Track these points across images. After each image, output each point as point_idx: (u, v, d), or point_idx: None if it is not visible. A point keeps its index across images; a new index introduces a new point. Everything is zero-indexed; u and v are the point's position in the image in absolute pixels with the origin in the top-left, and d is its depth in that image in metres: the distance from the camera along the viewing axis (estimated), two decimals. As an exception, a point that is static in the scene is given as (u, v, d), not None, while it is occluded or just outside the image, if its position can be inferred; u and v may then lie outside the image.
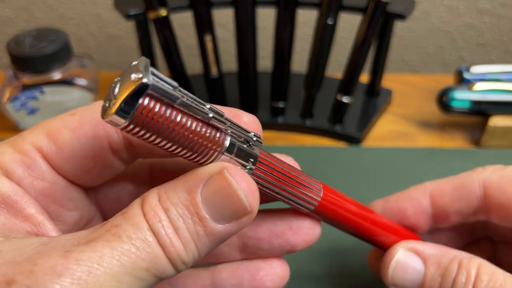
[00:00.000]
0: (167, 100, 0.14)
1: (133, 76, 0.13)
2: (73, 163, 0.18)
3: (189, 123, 0.15)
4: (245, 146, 0.17)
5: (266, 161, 0.17)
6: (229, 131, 0.16)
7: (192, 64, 0.55)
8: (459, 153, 0.39)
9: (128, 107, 0.14)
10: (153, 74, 0.14)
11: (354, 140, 0.42)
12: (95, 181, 0.19)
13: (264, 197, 0.19)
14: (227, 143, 0.16)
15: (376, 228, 0.22)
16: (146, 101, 0.14)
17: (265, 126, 0.43)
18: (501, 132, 0.39)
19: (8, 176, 0.17)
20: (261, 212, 0.20)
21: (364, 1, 0.38)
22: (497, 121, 0.40)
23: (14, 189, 0.17)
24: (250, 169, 0.17)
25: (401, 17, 0.38)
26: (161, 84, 0.14)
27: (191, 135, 0.15)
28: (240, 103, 0.43)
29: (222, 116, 0.15)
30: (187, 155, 0.15)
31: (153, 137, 0.14)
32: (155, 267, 0.15)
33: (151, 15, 0.38)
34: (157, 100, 0.14)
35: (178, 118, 0.14)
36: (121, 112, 0.14)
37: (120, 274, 0.14)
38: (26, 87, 0.39)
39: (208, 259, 0.21)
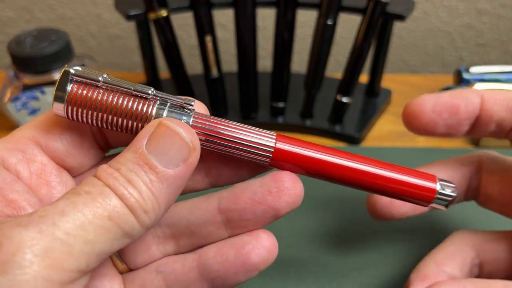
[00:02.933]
0: (91, 81, 0.18)
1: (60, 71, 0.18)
2: (63, 141, 0.19)
3: (116, 96, 0.18)
4: (174, 111, 0.18)
5: (202, 123, 0.19)
6: (158, 100, 0.18)
7: (193, 64, 0.55)
8: (458, 153, 0.39)
9: (61, 92, 0.18)
10: (79, 69, 0.18)
11: (353, 140, 0.42)
12: (82, 162, 0.20)
13: (223, 161, 0.20)
14: (155, 109, 0.18)
15: (367, 169, 0.20)
16: (75, 86, 0.18)
17: (265, 126, 0.43)
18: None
19: (4, 162, 0.18)
20: (240, 183, 0.20)
21: (363, 2, 0.38)
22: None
23: (2, 177, 0.18)
24: None
25: (401, 17, 0.39)
26: (83, 71, 0.18)
27: (120, 104, 0.18)
28: (240, 103, 0.43)
29: (148, 88, 0.18)
30: (128, 124, 0.18)
31: (91, 114, 0.18)
32: (117, 216, 0.16)
33: (152, 15, 0.38)
34: (82, 83, 0.18)
35: (106, 94, 0.18)
36: (57, 97, 0.18)
37: (84, 223, 0.15)
38: (27, 87, 0.39)
39: (196, 241, 0.21)
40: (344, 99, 0.41)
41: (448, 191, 0.21)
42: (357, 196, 0.34)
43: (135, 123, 0.18)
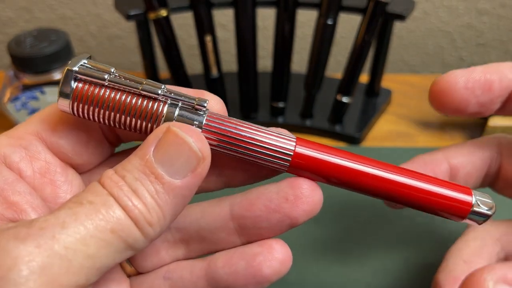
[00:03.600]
0: (96, 80, 0.17)
1: (66, 67, 0.17)
2: (68, 138, 0.18)
3: (124, 95, 0.17)
4: (187, 112, 0.18)
5: (215, 124, 0.18)
6: (169, 100, 0.17)
7: (193, 64, 0.55)
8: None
9: (65, 89, 0.17)
10: (85, 64, 0.17)
11: (353, 140, 0.42)
12: (89, 160, 0.19)
13: (235, 165, 0.20)
14: (165, 109, 0.17)
15: (393, 179, 0.18)
16: (80, 84, 0.17)
17: (265, 126, 0.43)
18: (500, 132, 0.40)
19: (6, 160, 0.18)
20: (254, 188, 0.19)
21: (364, 2, 0.38)
22: (496, 121, 0.40)
23: (4, 177, 0.17)
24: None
25: (401, 17, 0.39)
26: (88, 69, 0.17)
27: (128, 104, 0.17)
28: (240, 103, 0.43)
29: (158, 87, 0.17)
30: (137, 124, 0.17)
31: (97, 111, 0.17)
32: (120, 228, 0.15)
33: (152, 15, 0.38)
34: (88, 81, 0.17)
35: (112, 93, 0.17)
36: (62, 94, 0.17)
37: (86, 237, 0.14)
38: (26, 87, 0.39)
39: (207, 246, 0.20)
40: (344, 99, 0.41)
41: (484, 209, 0.19)
42: (361, 203, 0.34)
43: (144, 123, 0.17)
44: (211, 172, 0.20)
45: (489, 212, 0.19)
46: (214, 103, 0.19)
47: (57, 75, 0.39)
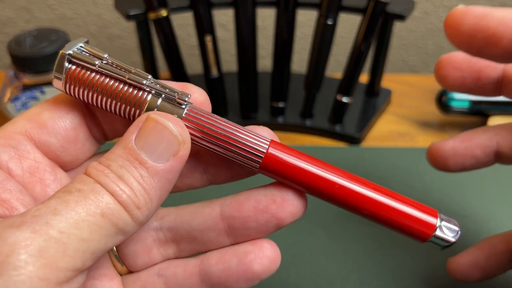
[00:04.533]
0: (87, 64, 0.18)
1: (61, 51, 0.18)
2: (57, 135, 0.19)
3: (112, 81, 0.18)
4: (168, 103, 0.18)
5: (194, 118, 0.18)
6: (153, 91, 0.18)
7: (193, 64, 0.55)
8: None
9: (58, 70, 0.18)
10: (81, 48, 0.19)
11: (353, 140, 0.42)
12: (77, 156, 0.20)
13: (213, 160, 0.20)
14: (148, 97, 0.18)
15: (363, 194, 0.19)
16: (73, 66, 0.18)
17: (265, 126, 0.43)
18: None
19: None
20: (244, 191, 0.20)
21: (364, 1, 0.38)
22: (496, 121, 0.40)
23: None
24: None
25: (401, 17, 0.39)
26: (82, 54, 0.18)
27: (114, 89, 0.18)
28: (240, 103, 0.43)
29: (144, 78, 0.18)
30: (121, 108, 0.19)
31: (87, 93, 0.18)
32: (110, 212, 0.16)
33: (152, 15, 0.38)
34: (80, 65, 0.18)
35: (102, 77, 0.18)
36: (55, 75, 0.18)
37: (78, 221, 0.15)
38: (26, 87, 0.39)
39: (197, 246, 0.21)
40: (344, 99, 0.41)
41: (448, 235, 0.19)
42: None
43: (128, 108, 0.18)
44: (196, 169, 0.21)
45: (452, 239, 0.19)
46: (198, 95, 0.20)
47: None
